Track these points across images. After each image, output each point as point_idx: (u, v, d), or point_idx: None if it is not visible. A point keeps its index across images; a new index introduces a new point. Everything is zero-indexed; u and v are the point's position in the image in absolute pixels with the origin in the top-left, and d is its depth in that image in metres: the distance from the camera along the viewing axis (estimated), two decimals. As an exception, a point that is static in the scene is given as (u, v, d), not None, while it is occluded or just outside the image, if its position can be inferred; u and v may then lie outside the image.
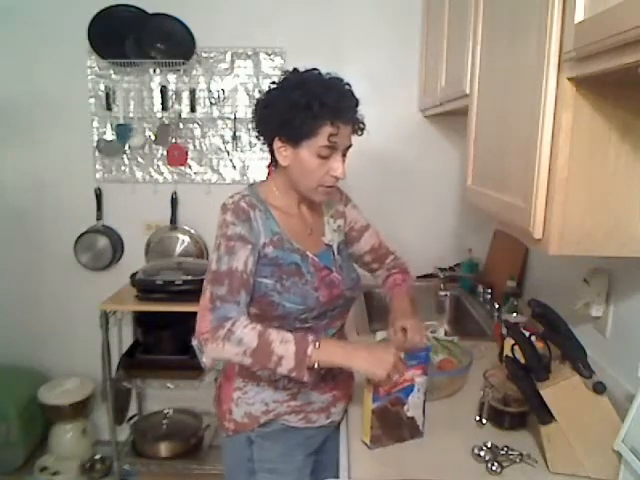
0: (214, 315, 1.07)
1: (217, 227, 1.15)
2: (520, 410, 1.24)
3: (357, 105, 1.16)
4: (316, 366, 1.05)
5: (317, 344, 1.05)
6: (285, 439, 1.24)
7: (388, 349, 1.11)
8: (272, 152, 1.19)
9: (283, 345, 1.04)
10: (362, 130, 1.20)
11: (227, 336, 1.05)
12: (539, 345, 1.15)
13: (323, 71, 1.16)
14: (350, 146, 1.17)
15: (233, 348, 1.05)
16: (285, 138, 1.12)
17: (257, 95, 1.21)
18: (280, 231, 1.17)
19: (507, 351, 1.39)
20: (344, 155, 1.17)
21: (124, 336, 2.54)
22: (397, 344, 1.18)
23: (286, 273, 1.15)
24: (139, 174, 2.47)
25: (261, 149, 2.21)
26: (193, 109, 2.37)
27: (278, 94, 1.13)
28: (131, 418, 2.53)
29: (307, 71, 1.15)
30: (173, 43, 2.29)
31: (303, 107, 1.07)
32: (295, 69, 1.17)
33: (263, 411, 1.22)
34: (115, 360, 2.30)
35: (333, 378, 1.27)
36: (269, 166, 1.27)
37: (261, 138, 1.20)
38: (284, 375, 1.08)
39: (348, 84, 1.16)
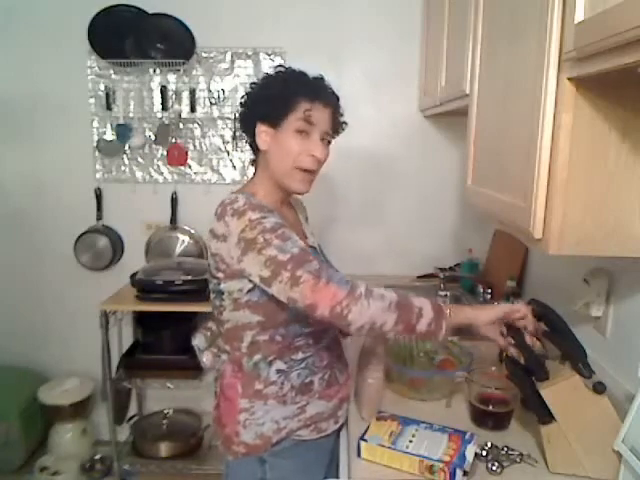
0: (337, 282, 0.98)
1: (239, 233, 1.04)
2: (504, 410, 1.24)
3: (338, 100, 1.20)
4: (447, 323, 1.03)
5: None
6: (298, 455, 1.21)
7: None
8: (252, 145, 1.22)
9: (418, 298, 1.04)
10: (342, 129, 1.23)
11: (368, 294, 0.99)
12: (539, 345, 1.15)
13: (320, 72, 1.19)
14: (330, 134, 1.19)
15: (379, 303, 0.99)
16: (266, 120, 1.15)
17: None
18: None
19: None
20: (329, 143, 1.19)
21: (124, 336, 2.54)
22: None
23: None
24: (139, 174, 2.47)
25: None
26: (193, 109, 2.37)
27: (258, 84, 1.21)
28: (131, 418, 2.53)
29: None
30: (173, 43, 2.29)
31: (280, 84, 1.15)
32: (280, 65, 1.23)
33: (275, 430, 1.17)
34: (115, 360, 2.30)
35: (337, 382, 1.26)
36: (253, 163, 1.27)
37: (244, 134, 1.23)
38: (422, 333, 1.02)
39: (332, 89, 1.20)
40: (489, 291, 2.10)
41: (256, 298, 1.11)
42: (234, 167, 2.45)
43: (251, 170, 1.26)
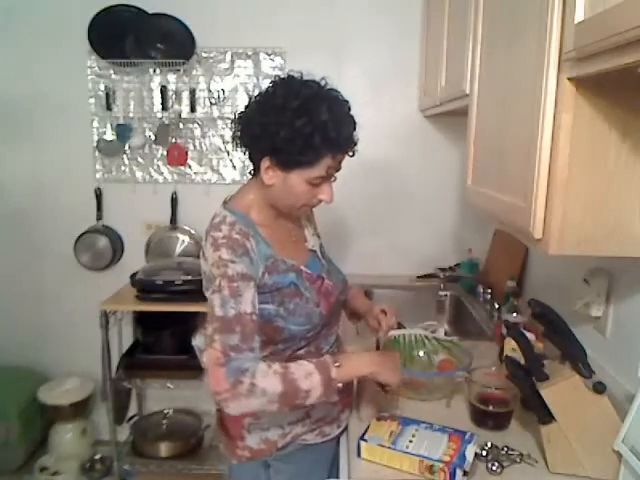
0: (229, 369, 0.97)
1: (210, 264, 1.05)
2: (504, 410, 1.24)
3: (355, 129, 1.09)
4: (341, 385, 1.05)
5: (338, 364, 1.05)
6: (303, 459, 1.21)
7: (395, 356, 1.19)
8: (252, 162, 1.13)
9: (308, 379, 1.01)
10: (354, 152, 1.13)
11: (250, 390, 0.98)
12: (539, 345, 1.15)
13: (321, 78, 1.08)
14: (340, 169, 1.12)
15: (258, 400, 0.99)
16: (277, 162, 1.05)
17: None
18: (272, 253, 1.11)
19: (507, 351, 1.40)
20: (334, 178, 1.13)
21: (124, 336, 2.54)
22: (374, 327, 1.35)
23: (287, 296, 1.11)
24: (139, 174, 2.47)
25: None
26: (193, 109, 2.37)
27: (275, 114, 1.02)
28: (131, 418, 2.53)
29: (306, 84, 1.05)
30: (173, 43, 2.29)
31: (304, 137, 1.00)
32: (290, 77, 1.08)
33: (280, 435, 1.18)
34: (115, 360, 2.30)
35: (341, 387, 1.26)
36: (252, 172, 1.18)
37: (244, 148, 1.12)
38: (314, 404, 1.06)
39: (347, 102, 1.09)
40: (489, 291, 2.10)
41: None
42: (234, 167, 2.45)
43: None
